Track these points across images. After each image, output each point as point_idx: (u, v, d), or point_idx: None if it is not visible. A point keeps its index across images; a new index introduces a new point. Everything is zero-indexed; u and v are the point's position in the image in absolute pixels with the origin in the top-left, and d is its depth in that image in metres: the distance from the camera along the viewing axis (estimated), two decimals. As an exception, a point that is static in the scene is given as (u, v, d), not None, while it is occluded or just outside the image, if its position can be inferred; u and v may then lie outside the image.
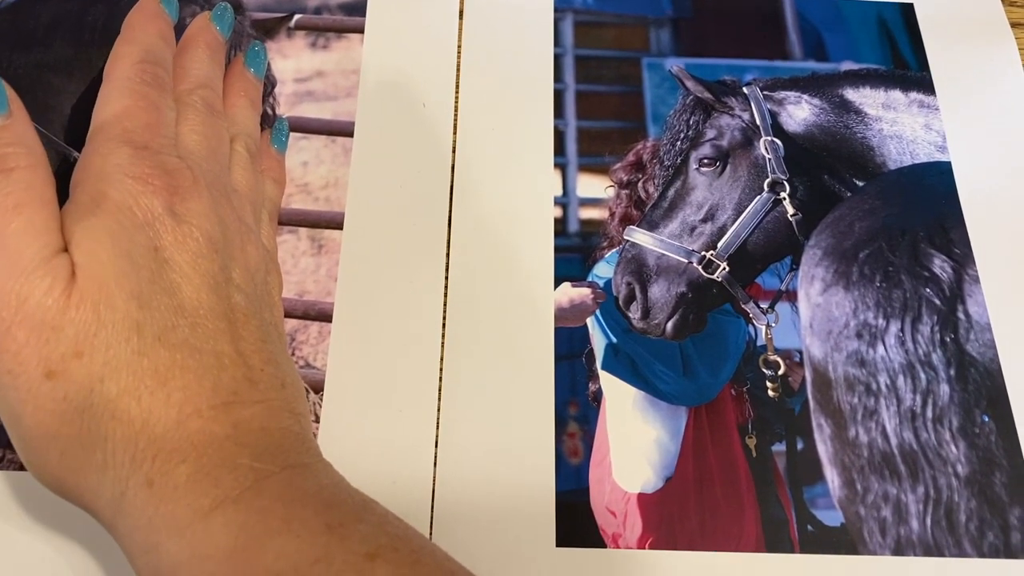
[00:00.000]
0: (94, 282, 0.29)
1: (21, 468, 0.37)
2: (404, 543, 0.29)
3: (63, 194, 0.33)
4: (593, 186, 0.45)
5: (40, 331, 0.28)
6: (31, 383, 0.28)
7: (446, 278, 0.42)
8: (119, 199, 0.31)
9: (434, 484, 0.38)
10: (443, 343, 0.41)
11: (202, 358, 0.30)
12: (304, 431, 0.32)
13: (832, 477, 0.39)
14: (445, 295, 0.42)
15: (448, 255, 0.43)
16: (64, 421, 0.28)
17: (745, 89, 0.47)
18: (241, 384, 0.31)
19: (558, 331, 0.41)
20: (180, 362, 0.29)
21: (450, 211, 0.44)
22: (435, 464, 0.38)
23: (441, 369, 0.40)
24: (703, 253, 0.43)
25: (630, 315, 0.43)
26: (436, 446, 0.39)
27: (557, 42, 0.49)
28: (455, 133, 0.46)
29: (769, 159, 0.45)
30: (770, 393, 0.41)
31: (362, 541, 0.28)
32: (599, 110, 0.48)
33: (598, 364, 0.41)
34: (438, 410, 0.40)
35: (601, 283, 0.43)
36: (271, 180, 0.41)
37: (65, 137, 0.42)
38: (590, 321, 0.42)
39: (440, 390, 0.40)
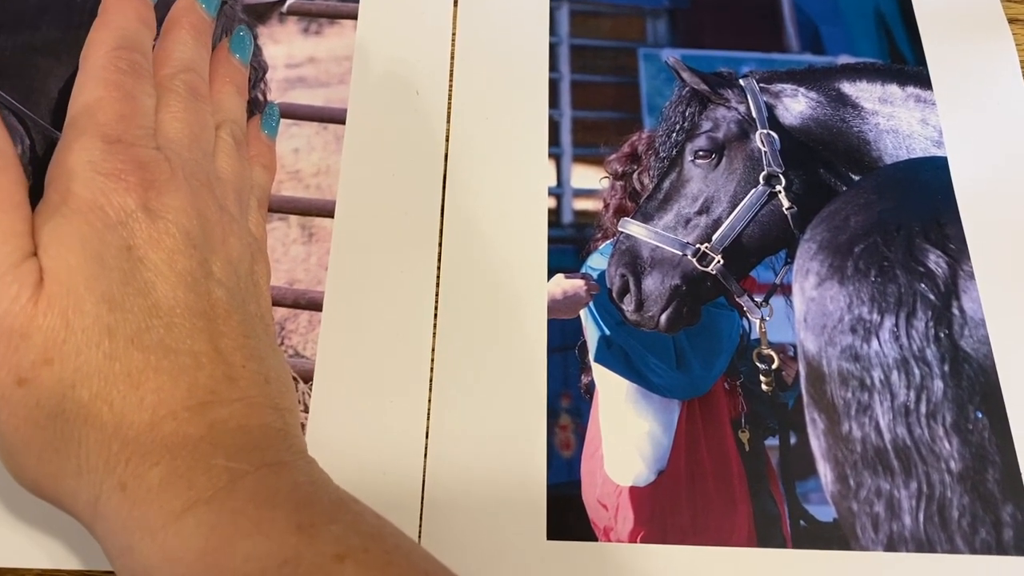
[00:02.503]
0: (62, 287, 0.29)
1: None
2: (377, 543, 0.28)
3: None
4: (588, 177, 0.45)
5: (9, 339, 0.28)
6: (3, 390, 0.28)
7: (438, 268, 0.42)
8: (90, 198, 0.30)
9: (424, 475, 0.38)
10: (434, 333, 0.40)
11: (178, 359, 0.29)
12: (288, 427, 0.31)
13: (825, 472, 0.39)
14: (437, 285, 0.41)
15: (440, 245, 0.42)
16: (38, 427, 0.28)
17: (741, 81, 0.47)
18: (219, 383, 0.30)
19: (551, 323, 0.41)
20: (154, 364, 0.29)
21: (443, 200, 0.43)
22: (425, 455, 0.38)
23: (432, 360, 0.40)
24: (698, 246, 0.43)
25: (624, 307, 0.42)
26: (427, 437, 0.38)
27: (553, 31, 0.48)
28: (448, 122, 0.46)
29: (765, 152, 0.45)
30: (763, 387, 0.41)
31: (332, 542, 0.27)
32: (594, 100, 0.47)
33: (591, 356, 0.41)
34: (429, 401, 0.39)
35: (595, 275, 0.43)
36: (260, 166, 0.41)
37: (52, 120, 0.41)
38: (583, 313, 0.42)
39: (431, 381, 0.39)
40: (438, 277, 0.42)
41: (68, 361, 0.28)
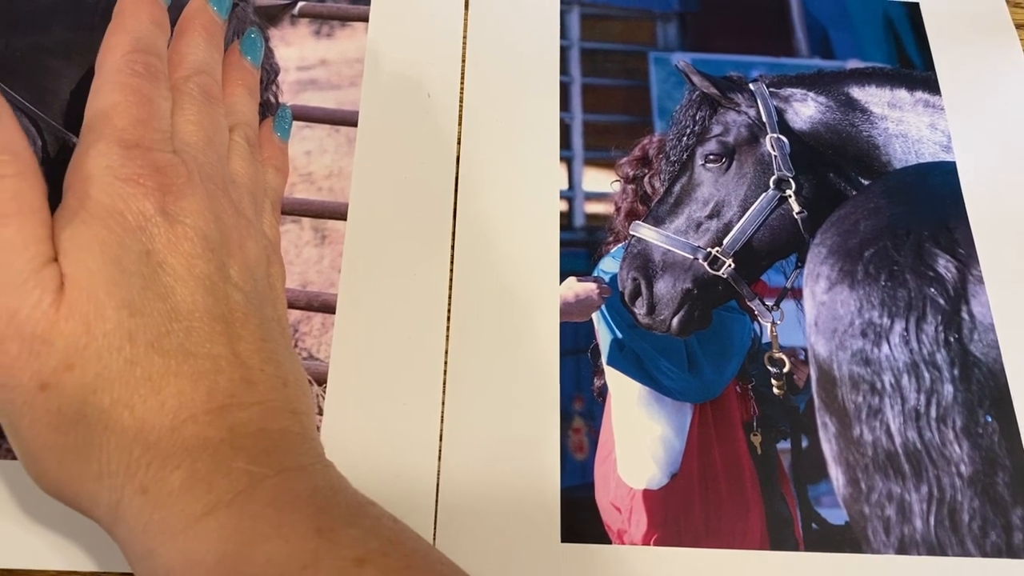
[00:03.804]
0: (83, 293, 0.29)
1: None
2: (396, 547, 0.28)
3: (60, 186, 0.32)
4: (599, 180, 0.45)
5: (31, 344, 0.28)
6: (25, 396, 0.28)
7: (450, 271, 0.42)
8: (109, 203, 0.30)
9: (438, 478, 0.38)
10: (447, 336, 0.41)
11: (197, 363, 0.30)
12: (305, 430, 0.32)
13: (836, 475, 0.39)
14: (449, 288, 0.42)
15: (453, 248, 0.42)
16: (59, 432, 0.28)
17: (751, 85, 0.47)
18: (238, 386, 0.30)
19: (563, 326, 0.41)
20: (174, 368, 0.29)
21: (455, 203, 0.43)
22: (439, 458, 0.38)
23: (446, 363, 0.40)
24: (709, 249, 0.43)
25: (636, 311, 0.42)
26: (440, 440, 0.39)
27: (563, 34, 0.49)
28: (460, 124, 0.46)
29: (775, 156, 0.45)
30: (775, 391, 0.41)
31: (352, 546, 0.27)
32: (605, 104, 0.47)
33: (603, 359, 0.41)
34: (443, 404, 0.39)
35: (607, 278, 0.43)
36: (273, 169, 0.41)
37: (64, 122, 0.41)
38: (595, 316, 0.42)
39: (444, 383, 0.40)
40: (450, 280, 0.42)
41: (89, 366, 0.28)
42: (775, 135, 0.46)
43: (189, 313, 0.30)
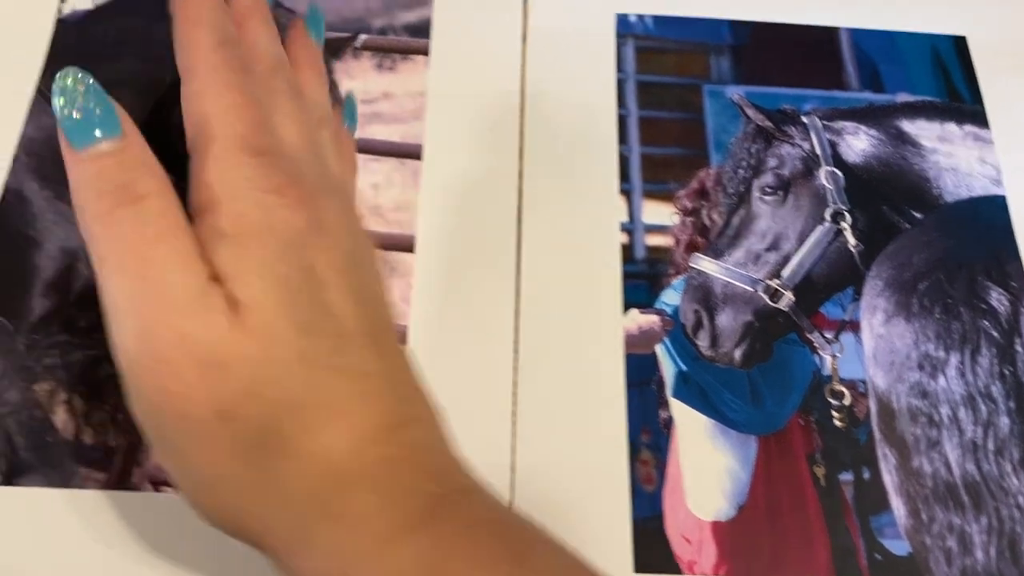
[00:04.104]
0: (256, 315, 0.27)
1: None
2: (581, 570, 0.28)
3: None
4: (658, 213, 0.46)
5: (207, 370, 0.26)
6: (202, 425, 0.26)
7: (516, 302, 0.43)
8: (260, 218, 0.28)
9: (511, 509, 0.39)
10: (515, 367, 0.41)
11: (367, 382, 0.28)
12: (455, 449, 0.31)
13: (898, 506, 0.40)
14: (516, 320, 0.42)
15: (518, 279, 0.43)
16: (238, 461, 0.27)
17: (804, 119, 0.48)
18: (401, 404, 0.29)
19: (627, 358, 0.42)
20: (347, 389, 0.28)
21: (519, 236, 0.44)
22: (512, 488, 0.39)
23: (515, 394, 0.41)
24: (768, 282, 0.44)
25: (698, 343, 0.43)
26: (512, 471, 0.39)
27: (619, 67, 0.50)
28: (520, 158, 0.46)
29: (830, 189, 0.46)
30: (836, 423, 0.42)
31: (544, 569, 0.27)
32: (662, 136, 0.48)
33: (668, 391, 0.42)
34: (512, 435, 0.40)
35: (669, 310, 0.44)
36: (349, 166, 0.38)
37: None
38: (659, 348, 0.43)
39: (514, 415, 0.40)
40: (516, 311, 0.43)
41: (269, 392, 0.27)
42: (829, 168, 0.47)
43: (352, 330, 0.29)
